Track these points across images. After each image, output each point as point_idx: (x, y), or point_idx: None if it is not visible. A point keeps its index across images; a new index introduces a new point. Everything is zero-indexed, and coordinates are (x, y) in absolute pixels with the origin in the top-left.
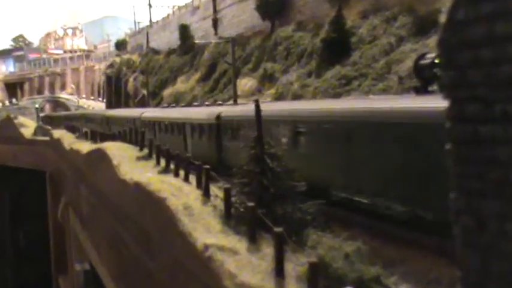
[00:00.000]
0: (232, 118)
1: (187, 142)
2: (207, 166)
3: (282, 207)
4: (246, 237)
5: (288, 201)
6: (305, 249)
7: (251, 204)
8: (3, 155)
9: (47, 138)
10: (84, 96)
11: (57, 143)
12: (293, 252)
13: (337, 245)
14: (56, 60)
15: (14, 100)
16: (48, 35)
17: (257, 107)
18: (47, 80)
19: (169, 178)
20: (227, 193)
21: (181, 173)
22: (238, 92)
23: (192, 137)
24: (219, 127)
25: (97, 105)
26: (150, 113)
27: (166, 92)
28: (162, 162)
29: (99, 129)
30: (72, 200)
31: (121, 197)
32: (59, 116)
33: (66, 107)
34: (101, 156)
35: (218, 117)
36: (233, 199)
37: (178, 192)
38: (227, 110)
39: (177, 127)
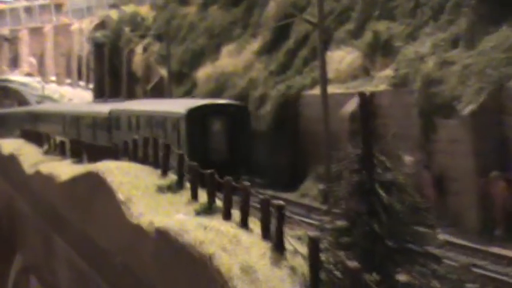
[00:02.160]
0: (118, 112)
1: (94, 131)
2: (281, 202)
3: (406, 271)
4: None
5: (415, 261)
6: None
7: (353, 264)
8: None
9: None
10: (53, 78)
11: (8, 164)
12: None
13: None
14: (0, 14)
15: None
16: None
17: (363, 101)
18: None
19: (217, 222)
20: (314, 246)
21: (236, 212)
22: (330, 74)
23: (95, 127)
24: (110, 119)
25: (77, 95)
26: (74, 107)
27: (202, 73)
28: (203, 195)
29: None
30: (36, 263)
31: (133, 255)
32: (10, 115)
33: (21, 99)
34: (95, 187)
35: (110, 111)
36: (323, 256)
37: (233, 245)
38: (117, 106)
39: (88, 119)
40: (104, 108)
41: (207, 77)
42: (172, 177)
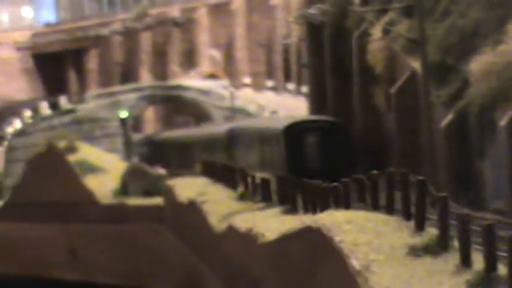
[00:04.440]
0: (239, 131)
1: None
2: None
3: None
4: None
5: None
6: None
7: None
8: (39, 259)
9: (154, 201)
10: (247, 80)
11: (188, 217)
12: None
13: None
14: None
15: (62, 100)
16: None
17: None
18: (145, 41)
19: None
20: None
21: None
22: None
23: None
24: (230, 137)
25: (284, 104)
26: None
27: (478, 64)
28: (478, 258)
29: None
30: None
31: None
32: (185, 139)
33: (201, 114)
34: (316, 250)
35: (230, 129)
36: None
37: None
38: (239, 124)
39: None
40: (222, 126)
41: (485, 71)
42: (431, 232)
